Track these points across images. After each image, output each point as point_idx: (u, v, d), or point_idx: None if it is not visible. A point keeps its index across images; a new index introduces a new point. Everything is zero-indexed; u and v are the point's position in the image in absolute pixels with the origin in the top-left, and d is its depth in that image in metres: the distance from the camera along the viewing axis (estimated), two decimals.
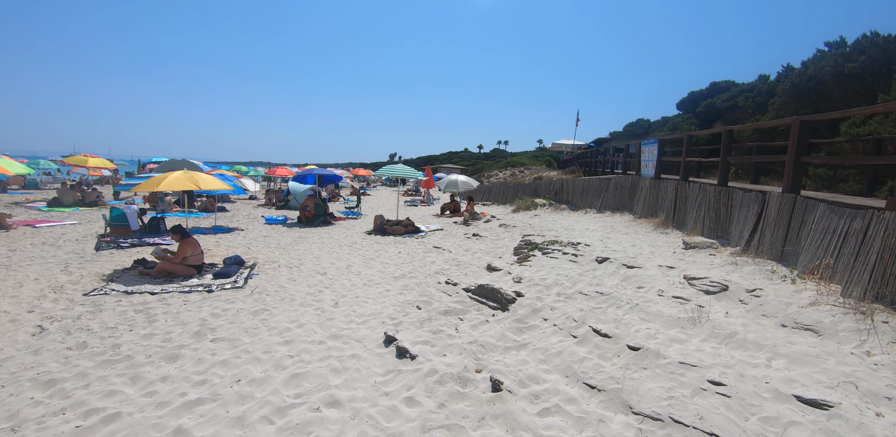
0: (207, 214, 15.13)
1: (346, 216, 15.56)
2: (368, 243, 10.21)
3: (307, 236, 11.21)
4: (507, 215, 16.02)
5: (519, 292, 5.38)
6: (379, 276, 7.05)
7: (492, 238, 10.52)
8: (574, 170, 26.22)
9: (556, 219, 13.54)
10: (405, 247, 9.80)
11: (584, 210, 14.37)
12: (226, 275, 6.56)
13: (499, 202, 21.62)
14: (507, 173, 28.98)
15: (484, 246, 9.66)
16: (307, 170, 14.11)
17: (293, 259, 8.18)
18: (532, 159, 49.59)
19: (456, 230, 12.41)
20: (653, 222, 10.23)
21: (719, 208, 7.66)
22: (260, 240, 10.27)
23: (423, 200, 23.05)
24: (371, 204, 22.35)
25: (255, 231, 11.70)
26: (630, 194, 12.52)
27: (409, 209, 19.81)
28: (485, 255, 8.77)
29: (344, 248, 9.57)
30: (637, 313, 4.73)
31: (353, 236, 11.42)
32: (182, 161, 16.99)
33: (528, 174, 28.76)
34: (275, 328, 4.54)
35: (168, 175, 7.05)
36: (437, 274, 7.04)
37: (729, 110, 16.44)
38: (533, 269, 6.84)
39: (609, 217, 12.55)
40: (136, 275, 6.73)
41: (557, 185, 16.62)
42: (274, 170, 22.11)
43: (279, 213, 16.48)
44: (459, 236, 11.20)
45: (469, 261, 8.09)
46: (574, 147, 37.50)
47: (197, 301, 5.48)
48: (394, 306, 5.43)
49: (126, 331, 4.46)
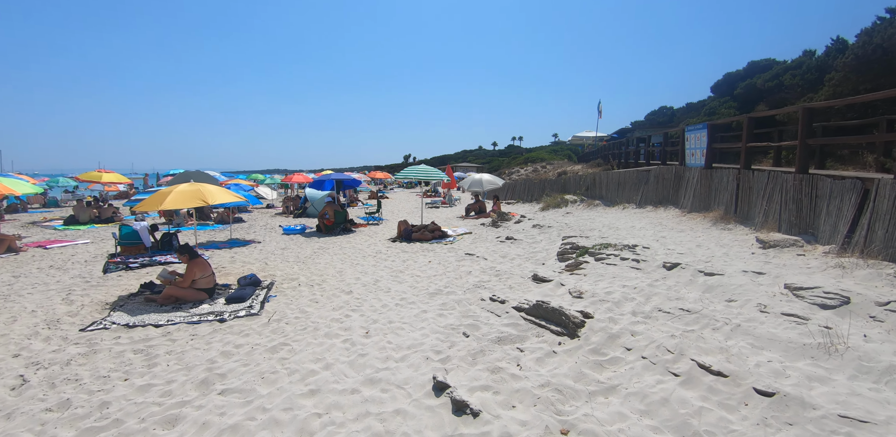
0: (224, 226, 14.55)
1: (367, 222, 14.80)
2: (394, 252, 9.38)
3: (328, 246, 10.46)
4: (536, 214, 15.03)
5: (586, 313, 4.45)
6: (412, 292, 6.20)
7: (528, 241, 9.58)
8: (599, 163, 25.02)
9: (592, 216, 12.51)
10: (435, 255, 8.94)
11: (621, 206, 13.29)
12: (240, 299, 5.79)
13: (524, 200, 20.61)
14: (529, 169, 27.90)
15: (521, 251, 8.73)
16: (324, 175, 13.39)
17: (314, 275, 7.39)
18: (551, 154, 48.33)
19: (486, 233, 11.49)
20: (708, 216, 9.15)
21: (801, 200, 6.58)
22: (278, 253, 9.54)
23: (445, 202, 22.17)
24: (391, 207, 21.59)
25: (273, 243, 10.99)
26: (674, 187, 11.43)
27: (430, 212, 18.97)
28: (525, 261, 7.85)
29: (368, 259, 8.76)
30: (743, 338, 3.76)
31: (376, 243, 10.62)
32: (196, 173, 16.47)
33: (550, 169, 27.64)
34: (296, 372, 3.71)
35: (173, 189, 6.34)
36: (478, 288, 6.15)
37: (773, 90, 15.12)
38: (589, 279, 5.89)
39: (652, 212, 11.48)
40: (142, 302, 6.02)
41: (589, 179, 15.55)
42: (290, 177, 21.56)
43: (297, 221, 15.82)
44: (491, 240, 10.29)
45: (509, 270, 7.18)
46: (595, 139, 36.15)
47: (206, 335, 4.71)
48: (435, 332, 4.56)
49: (119, 381, 3.69)
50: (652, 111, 45.93)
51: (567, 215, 13.63)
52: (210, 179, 16.64)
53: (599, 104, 31.50)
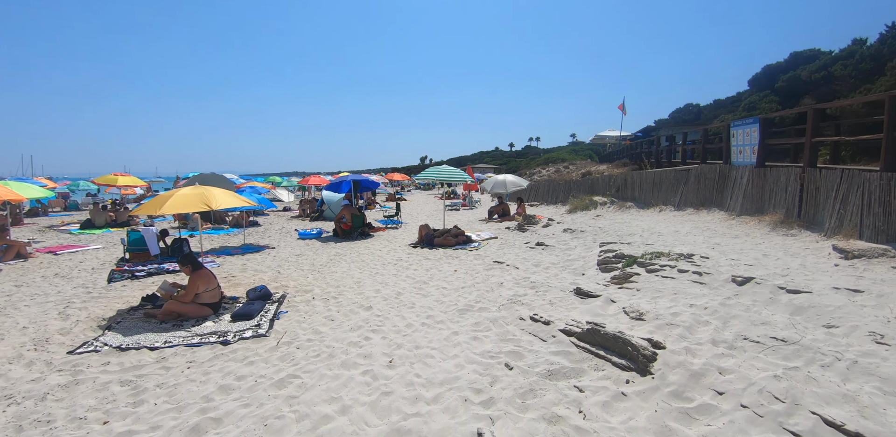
0: (238, 230, 14.11)
1: (385, 226, 14.17)
2: (416, 260, 8.69)
3: (345, 252, 9.83)
4: (564, 217, 14.18)
5: (656, 342, 3.67)
6: (439, 308, 5.49)
7: (561, 248, 8.79)
8: (625, 163, 23.97)
9: (626, 220, 11.63)
10: (460, 263, 8.22)
11: (656, 208, 12.37)
12: (247, 316, 5.17)
13: (548, 202, 19.74)
14: (551, 170, 26.97)
15: (555, 259, 7.95)
16: (341, 177, 12.80)
17: (330, 286, 6.74)
18: (571, 154, 47.17)
19: (513, 238, 10.72)
20: (764, 220, 8.23)
21: (890, 202, 5.66)
22: (292, 260, 8.95)
23: (465, 204, 21.44)
24: (409, 210, 20.95)
25: (287, 249, 10.43)
26: (718, 187, 10.50)
27: (450, 214, 18.26)
28: (561, 271, 7.07)
29: (388, 267, 8.09)
30: (866, 380, 2.95)
31: (396, 249, 9.95)
32: (211, 175, 16.11)
33: (573, 170, 26.67)
34: (307, 417, 3.03)
35: (174, 193, 5.77)
36: (514, 304, 5.40)
37: (820, 82, 13.98)
38: (645, 295, 5.09)
39: (694, 215, 10.56)
40: (142, 317, 5.45)
41: (619, 180, 14.64)
42: (307, 179, 21.11)
43: (314, 225, 15.28)
44: (520, 246, 9.52)
45: (546, 281, 6.41)
46: (619, 138, 34.98)
47: (205, 362, 4.08)
48: (472, 362, 3.84)
49: (97, 424, 3.07)
50: (677, 109, 44.42)
51: (598, 219, 12.76)
52: (225, 181, 16.27)
53: (623, 101, 30.37)
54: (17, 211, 18.81)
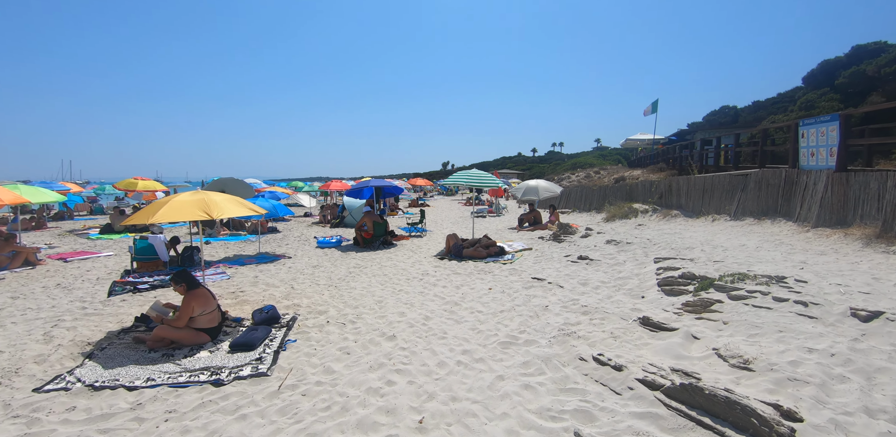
0: (256, 236, 13.51)
1: (409, 234, 13.34)
2: (444, 274, 7.79)
3: (365, 263, 9.01)
4: (602, 226, 13.08)
5: (787, 411, 2.66)
6: (476, 339, 4.57)
7: (608, 262, 7.75)
8: (661, 167, 22.59)
9: (676, 230, 10.47)
10: (494, 279, 7.28)
11: (708, 217, 11.16)
12: (248, 346, 4.35)
13: (580, 209, 18.59)
14: (581, 175, 25.74)
15: (604, 276, 6.93)
16: (362, 182, 12.05)
17: (347, 307, 5.90)
18: (599, 159, 45.63)
19: (549, 250, 9.71)
20: (851, 234, 7.03)
21: None
22: (308, 273, 8.17)
23: (492, 210, 20.46)
24: (433, 217, 20.10)
25: (305, 259, 9.68)
26: (785, 194, 9.29)
27: (477, 222, 17.32)
28: (615, 292, 6.05)
29: (414, 283, 7.21)
30: None
31: (421, 261, 9.08)
32: (230, 180, 15.64)
33: (605, 175, 25.39)
34: None
35: (171, 200, 5.01)
36: (567, 336, 4.43)
37: (890, 78, 12.54)
38: (738, 331, 4.05)
39: (757, 226, 9.35)
40: (130, 343, 4.71)
41: (663, 185, 13.45)
42: (328, 184, 20.58)
43: (334, 232, 14.58)
44: (559, 260, 8.51)
45: (599, 305, 5.42)
46: (651, 142, 33.44)
47: (188, 412, 3.26)
48: (529, 427, 2.91)
49: None
50: (712, 111, 42.55)
51: (641, 228, 11.62)
52: (245, 186, 15.77)
53: (656, 103, 28.90)
54: (44, 215, 18.82)
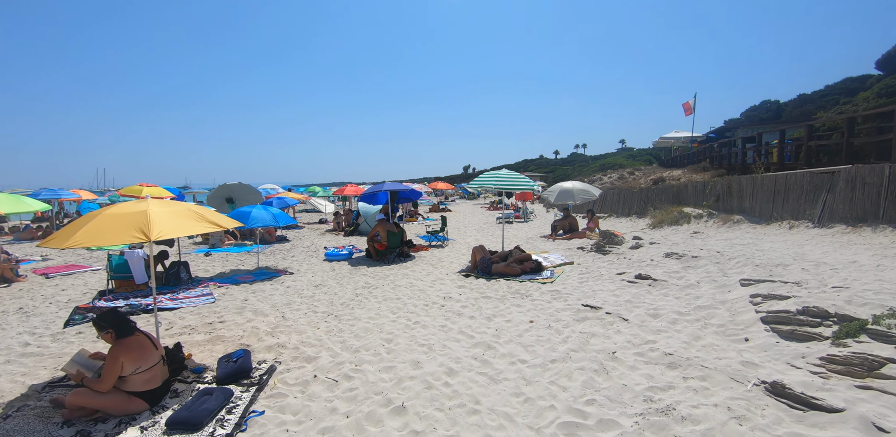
0: (263, 246, 12.34)
1: (429, 243, 11.94)
2: (471, 297, 6.33)
3: (377, 281, 7.63)
4: (649, 234, 11.40)
5: None
6: (524, 417, 3.10)
7: (677, 283, 6.15)
8: (705, 166, 20.62)
9: (747, 239, 8.75)
10: (534, 305, 5.78)
11: (783, 223, 9.39)
12: (191, 425, 2.99)
13: (618, 213, 16.84)
14: (614, 177, 23.89)
15: (677, 303, 5.36)
16: (376, 186, 10.72)
17: (346, 349, 4.50)
18: (628, 160, 43.39)
19: (595, 264, 8.14)
20: None
21: None
22: (307, 295, 6.84)
23: (518, 216, 18.88)
24: (455, 223, 18.66)
25: (308, 275, 8.38)
26: (889, 196, 7.51)
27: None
28: (701, 329, 4.50)
29: (434, 311, 5.77)
30: None
31: (443, 279, 7.64)
32: (237, 185, 14.60)
33: (640, 176, 23.49)
34: None
35: (99, 214, 3.57)
36: (664, 415, 2.93)
37: None
38: None
39: (854, 235, 7.59)
40: (46, 407, 3.43)
41: (721, 186, 11.67)
42: (342, 188, 19.35)
43: (347, 242, 13.31)
44: (611, 278, 6.94)
45: (689, 353, 3.89)
46: (689, 140, 31.29)
47: None
48: None
49: None
50: (751, 107, 39.92)
51: (699, 237, 9.93)
52: (253, 192, 14.68)
53: (695, 98, 26.86)
54: (56, 223, 18.22)
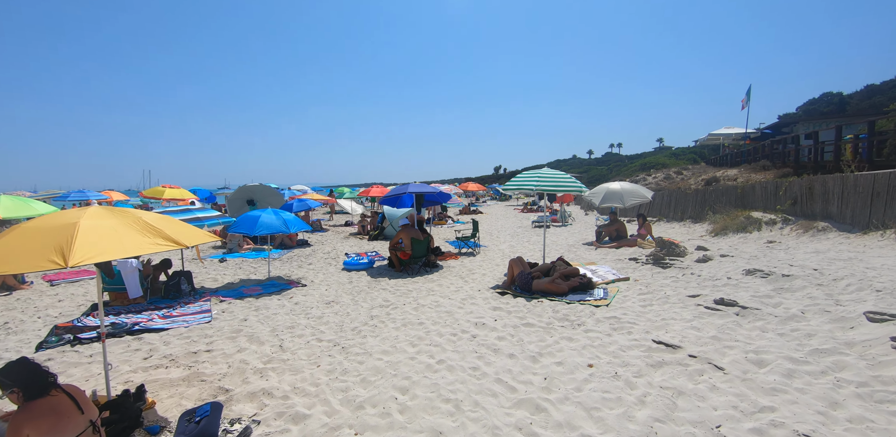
0: (282, 251, 11.58)
1: (458, 250, 10.85)
2: (509, 324, 5.17)
3: (396, 299, 6.59)
4: (712, 242, 9.92)
5: None
6: None
7: (773, 312, 4.81)
8: (765, 165, 18.60)
9: (847, 254, 7.21)
10: (590, 339, 4.56)
11: (887, 231, 7.77)
12: None
13: (668, 217, 15.24)
14: (659, 177, 22.08)
15: (786, 345, 4.04)
16: (400, 187, 9.68)
17: (346, 405, 3.44)
18: (671, 158, 40.89)
19: (656, 282, 6.81)
20: None
21: None
22: (314, 316, 5.87)
23: (556, 219, 17.50)
24: (487, 226, 17.49)
25: (321, 289, 7.44)
26: None
27: (538, 233, 14.52)
28: (833, 389, 3.21)
29: (464, 343, 4.65)
30: None
31: (474, 297, 6.51)
32: (259, 187, 13.95)
33: (688, 176, 21.58)
34: None
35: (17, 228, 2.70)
36: None
37: None
38: None
39: None
40: None
41: (799, 187, 10.02)
42: (368, 190, 18.50)
43: (370, 247, 12.39)
44: (682, 302, 5.63)
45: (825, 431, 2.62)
46: (739, 137, 28.89)
47: None
48: None
49: None
50: (811, 99, 36.83)
51: (776, 248, 8.41)
52: (273, 194, 13.99)
53: (749, 90, 24.60)
54: None
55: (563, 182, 7.01)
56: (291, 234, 12.35)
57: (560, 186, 6.92)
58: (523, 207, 27.67)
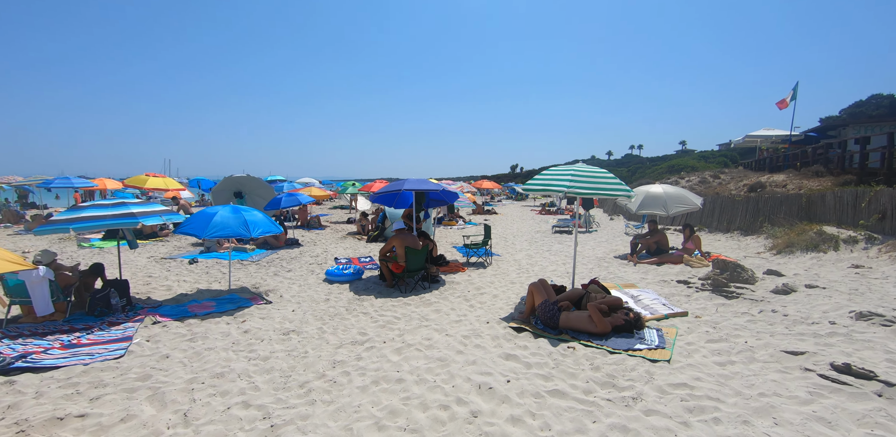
0: (266, 252, 10.12)
1: (467, 259, 9.23)
2: (528, 390, 3.53)
3: (376, 333, 4.99)
4: (775, 261, 8.13)
5: None
6: None
7: None
8: (819, 171, 16.51)
9: None
10: (652, 431, 2.91)
11: None
12: None
13: (711, 227, 13.34)
14: (694, 180, 20.07)
15: None
16: (397, 182, 8.05)
17: None
18: (700, 161, 38.48)
19: (727, 322, 5.08)
20: None
21: None
22: (261, 354, 4.31)
23: (578, 223, 15.68)
24: (501, 230, 15.81)
25: (286, 309, 5.90)
26: None
27: (555, 240, 12.80)
28: None
29: (459, 428, 3.04)
30: None
31: (481, 332, 4.87)
32: (248, 178, 12.51)
33: (726, 180, 19.53)
34: None
35: None
36: None
37: None
38: None
39: None
40: None
41: (892, 198, 8.12)
42: (370, 185, 16.85)
43: (366, 250, 10.85)
44: (780, 362, 3.91)
45: None
46: (780, 140, 26.59)
47: None
48: None
49: None
50: (857, 102, 34.09)
51: (868, 274, 6.61)
52: (263, 186, 12.53)
53: (795, 89, 22.32)
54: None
55: (604, 183, 5.25)
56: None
57: (601, 188, 5.17)
58: (541, 209, 25.87)
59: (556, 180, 5.32)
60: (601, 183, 5.33)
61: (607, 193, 5.29)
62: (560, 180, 5.25)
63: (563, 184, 5.15)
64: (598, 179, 5.38)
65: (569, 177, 5.21)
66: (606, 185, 5.34)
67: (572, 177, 5.23)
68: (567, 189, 5.05)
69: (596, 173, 5.47)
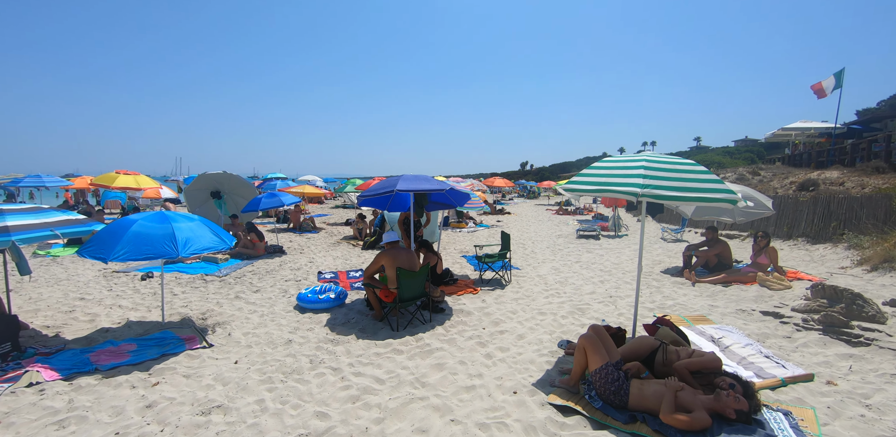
0: (240, 263, 8.49)
1: (479, 274, 7.50)
2: None
3: (345, 416, 3.30)
4: (880, 283, 6.29)
5: None
6: None
7: None
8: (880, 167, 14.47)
9: None
10: None
11: None
12: None
13: None
14: (732, 177, 18.06)
15: None
16: (391, 179, 6.29)
17: None
18: (725, 156, 36.25)
19: (874, 393, 3.32)
20: None
21: None
22: None
23: (604, 225, 13.87)
24: (517, 233, 14.04)
25: (227, 359, 4.24)
26: None
27: (582, 246, 10.99)
28: None
29: None
30: None
31: (506, 415, 3.17)
32: (225, 176, 10.89)
33: (768, 177, 17.53)
34: None
35: None
36: None
37: None
38: None
39: None
40: None
41: None
42: (368, 183, 15.21)
43: (359, 260, 9.17)
44: None
45: None
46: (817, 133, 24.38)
47: None
48: None
49: None
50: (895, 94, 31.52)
51: None
52: (244, 185, 10.94)
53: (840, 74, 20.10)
54: None
55: (693, 180, 3.32)
56: (255, 239, 9.24)
57: (691, 188, 3.26)
58: (557, 208, 24.01)
59: (619, 177, 3.47)
60: (690, 180, 3.46)
61: (702, 198, 3.42)
62: (628, 177, 3.39)
63: (633, 182, 3.33)
64: (684, 173, 3.54)
65: (640, 171, 3.41)
66: (698, 183, 3.47)
67: (645, 171, 3.42)
68: (641, 190, 3.26)
69: (681, 166, 3.59)
